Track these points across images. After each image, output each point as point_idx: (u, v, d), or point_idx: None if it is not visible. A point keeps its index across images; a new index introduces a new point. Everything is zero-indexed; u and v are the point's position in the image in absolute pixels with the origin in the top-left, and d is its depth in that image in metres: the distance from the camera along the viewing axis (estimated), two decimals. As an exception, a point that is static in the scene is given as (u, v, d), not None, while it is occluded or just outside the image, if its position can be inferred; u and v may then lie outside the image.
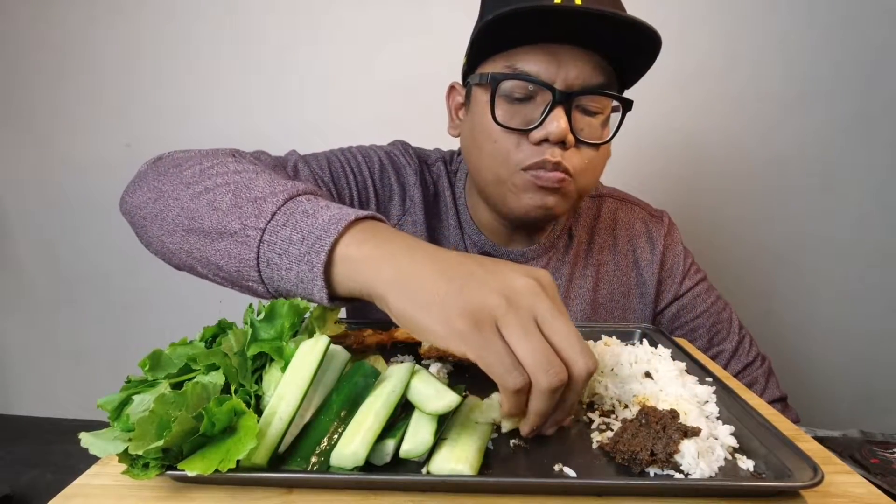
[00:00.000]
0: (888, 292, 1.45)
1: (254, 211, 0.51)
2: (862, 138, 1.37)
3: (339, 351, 0.48)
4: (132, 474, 0.38)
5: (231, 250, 0.52)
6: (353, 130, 1.37)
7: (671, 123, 1.37)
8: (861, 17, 1.30)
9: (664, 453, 0.42)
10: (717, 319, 0.90)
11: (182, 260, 0.59)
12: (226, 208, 0.53)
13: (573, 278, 0.88)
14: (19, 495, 0.86)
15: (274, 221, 0.50)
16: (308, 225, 0.49)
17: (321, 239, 0.48)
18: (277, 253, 0.49)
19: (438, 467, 0.40)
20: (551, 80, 0.69)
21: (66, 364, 1.59)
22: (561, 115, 0.69)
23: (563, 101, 0.69)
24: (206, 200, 0.55)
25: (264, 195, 0.52)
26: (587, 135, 0.72)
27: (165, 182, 0.60)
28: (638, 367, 0.58)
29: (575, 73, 0.69)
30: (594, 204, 0.94)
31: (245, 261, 0.51)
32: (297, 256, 0.49)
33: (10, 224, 1.49)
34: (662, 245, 0.90)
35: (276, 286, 0.51)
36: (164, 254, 0.61)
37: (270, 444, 0.40)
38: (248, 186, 0.54)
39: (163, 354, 0.49)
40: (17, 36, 1.37)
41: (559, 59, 0.69)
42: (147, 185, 0.62)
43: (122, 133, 1.41)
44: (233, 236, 0.52)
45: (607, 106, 0.74)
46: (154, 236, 0.60)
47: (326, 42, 1.35)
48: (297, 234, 0.49)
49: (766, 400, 0.85)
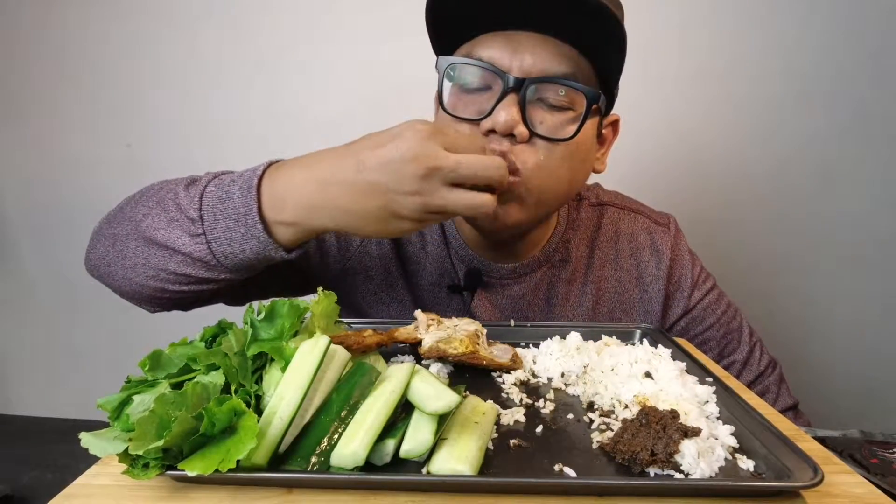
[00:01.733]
0: (888, 292, 1.45)
1: (187, 223, 0.59)
2: (862, 138, 1.37)
3: (339, 351, 0.48)
4: (132, 474, 0.38)
5: (193, 259, 0.59)
6: (354, 131, 1.37)
7: (671, 124, 1.37)
8: (861, 17, 1.30)
9: (664, 453, 0.42)
10: (727, 330, 0.86)
11: (153, 288, 0.64)
12: (165, 227, 0.60)
13: (570, 296, 0.83)
14: (19, 495, 0.86)
15: (205, 224, 0.58)
16: (230, 208, 0.57)
17: (248, 215, 0.56)
18: (225, 244, 0.57)
19: (439, 467, 0.40)
20: (506, 66, 0.64)
21: (66, 364, 1.59)
22: (511, 104, 0.63)
23: (516, 89, 0.63)
24: (148, 226, 0.61)
25: (185, 205, 0.59)
26: (546, 128, 0.65)
27: (115, 226, 0.66)
28: (638, 367, 0.58)
29: (532, 59, 0.63)
30: (594, 213, 0.87)
31: (207, 263, 0.59)
32: (241, 238, 0.57)
33: (10, 224, 1.49)
34: (669, 257, 0.84)
35: (244, 266, 0.60)
36: (137, 290, 0.66)
37: (271, 444, 0.40)
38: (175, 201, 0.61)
39: (163, 354, 0.49)
40: (17, 36, 1.37)
41: (517, 45, 0.64)
42: (101, 236, 0.68)
43: (122, 133, 1.41)
44: (187, 252, 0.59)
45: (577, 102, 0.65)
46: (123, 278, 0.65)
47: (326, 42, 1.35)
48: (229, 220, 0.57)
49: (779, 408, 0.82)
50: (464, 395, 0.49)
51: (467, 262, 0.82)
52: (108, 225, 0.68)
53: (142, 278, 0.64)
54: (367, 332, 0.58)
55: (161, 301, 0.67)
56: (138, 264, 0.63)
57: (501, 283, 0.81)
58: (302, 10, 1.33)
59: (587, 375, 0.59)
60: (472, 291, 0.81)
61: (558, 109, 0.65)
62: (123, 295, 0.69)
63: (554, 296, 0.83)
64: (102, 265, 0.67)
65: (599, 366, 0.60)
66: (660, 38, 1.30)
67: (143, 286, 0.64)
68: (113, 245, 0.65)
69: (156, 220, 0.61)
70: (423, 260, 0.83)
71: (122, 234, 0.64)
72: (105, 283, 0.70)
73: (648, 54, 1.31)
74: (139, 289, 0.65)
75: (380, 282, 0.83)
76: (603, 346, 0.65)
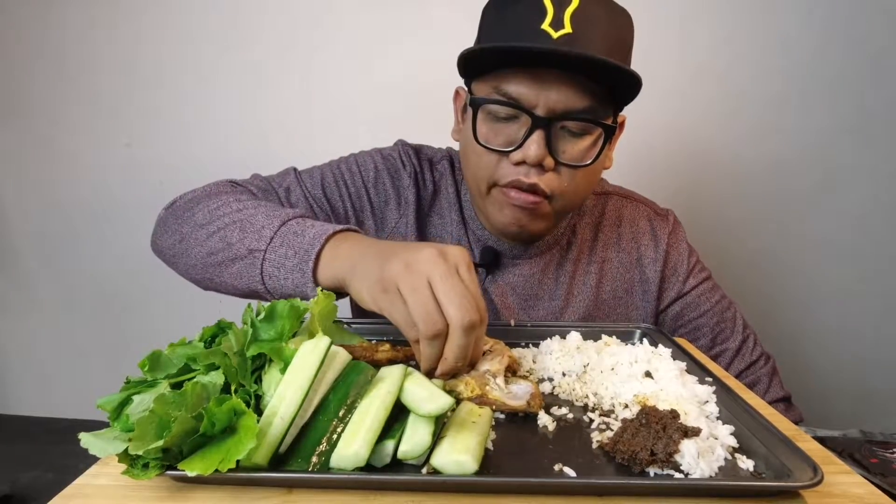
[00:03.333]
0: (888, 292, 1.45)
1: (256, 239, 0.65)
2: (862, 139, 1.37)
3: (339, 352, 0.48)
4: (132, 474, 0.38)
5: (242, 271, 0.66)
6: (354, 130, 1.37)
7: (671, 123, 1.37)
8: (861, 17, 1.30)
9: (664, 453, 0.42)
10: (720, 318, 0.89)
11: (206, 284, 0.73)
12: (235, 241, 0.67)
13: (576, 275, 0.89)
14: (19, 495, 0.86)
15: (272, 244, 0.64)
16: (298, 243, 0.63)
17: (308, 252, 0.61)
18: (276, 266, 0.63)
19: (442, 459, 0.40)
20: (532, 103, 0.70)
21: (66, 364, 1.58)
22: (539, 139, 0.70)
23: (543, 126, 0.70)
24: (218, 237, 0.68)
25: (263, 225, 0.66)
26: (569, 157, 0.73)
27: (184, 225, 0.73)
28: (638, 367, 0.58)
29: (556, 97, 0.69)
30: (599, 201, 0.94)
31: (252, 277, 0.65)
32: (291, 268, 0.62)
33: (10, 224, 1.49)
34: (666, 243, 0.90)
35: (279, 293, 0.64)
36: (193, 280, 0.75)
37: (272, 444, 0.40)
38: (251, 221, 0.67)
39: (162, 355, 0.49)
40: (17, 36, 1.37)
41: (542, 83, 0.69)
42: (170, 229, 0.76)
43: (122, 133, 1.41)
44: (242, 260, 0.66)
45: (594, 128, 0.73)
46: (182, 270, 0.75)
47: (327, 42, 1.35)
48: (290, 250, 0.62)
49: (768, 400, 0.85)
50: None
51: (483, 241, 0.88)
52: (177, 220, 0.75)
53: (199, 276, 0.72)
54: (384, 347, 0.56)
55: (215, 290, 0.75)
56: (198, 265, 0.71)
57: (514, 263, 0.88)
58: (302, 9, 1.33)
59: (587, 375, 0.59)
60: (488, 269, 0.87)
61: (579, 136, 0.73)
62: (182, 276, 0.77)
63: (561, 274, 0.89)
64: (168, 254, 0.76)
65: (599, 365, 0.60)
66: (660, 38, 1.30)
67: (200, 281, 0.74)
68: (180, 242, 0.73)
69: (229, 234, 0.68)
70: (444, 240, 0.90)
71: (190, 236, 0.72)
72: (168, 265, 0.79)
73: (648, 53, 1.31)
74: (197, 281, 0.75)
75: None
76: (603, 345, 0.65)
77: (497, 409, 0.51)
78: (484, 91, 0.73)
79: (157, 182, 1.41)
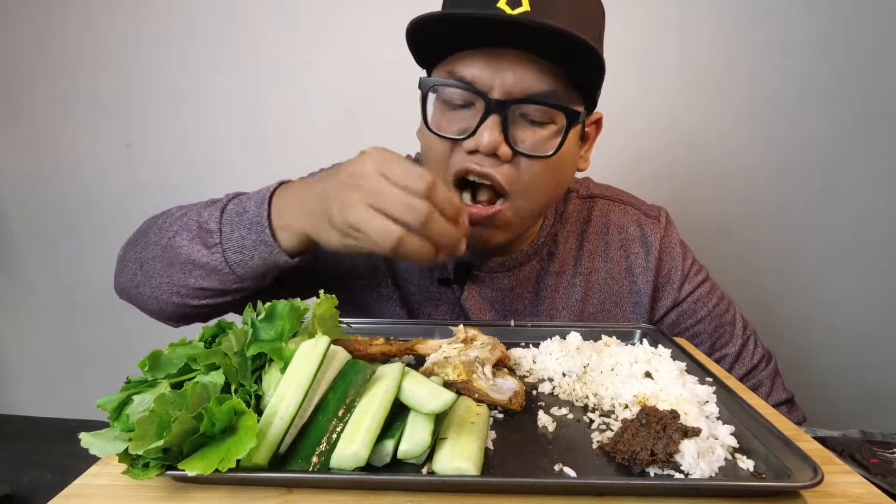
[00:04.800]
0: (888, 292, 1.45)
1: (207, 234, 0.66)
2: (862, 139, 1.37)
3: (339, 352, 0.48)
4: (132, 474, 0.38)
5: (208, 269, 0.66)
6: (353, 131, 1.37)
7: (671, 123, 1.37)
8: (861, 18, 1.30)
9: (664, 453, 0.42)
10: (719, 323, 0.86)
11: (177, 304, 0.71)
12: (186, 243, 0.67)
13: (559, 288, 0.83)
14: (19, 495, 0.86)
15: (223, 233, 0.65)
16: (245, 220, 0.64)
17: (258, 223, 0.63)
18: (237, 251, 0.64)
19: (443, 465, 0.40)
20: (487, 86, 0.64)
21: (66, 364, 1.58)
22: (494, 125, 0.64)
23: (498, 110, 0.64)
24: (173, 246, 0.68)
25: (207, 219, 0.67)
26: (528, 146, 0.66)
27: (139, 251, 0.73)
28: (638, 367, 0.58)
29: (513, 79, 0.64)
30: (584, 206, 0.87)
31: (221, 272, 0.65)
32: (251, 245, 0.63)
33: (10, 224, 1.49)
34: (658, 249, 0.84)
35: (252, 274, 0.65)
36: (163, 308, 0.73)
37: (272, 444, 0.40)
38: (196, 220, 0.68)
39: (162, 355, 0.49)
40: (17, 36, 1.37)
41: (498, 64, 0.64)
42: (127, 263, 0.75)
43: (122, 133, 1.41)
44: (204, 264, 0.66)
45: (558, 117, 0.66)
46: (151, 297, 0.73)
47: (327, 42, 1.35)
48: (242, 230, 0.64)
49: (772, 403, 0.82)
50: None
51: (457, 255, 0.82)
52: (133, 250, 0.75)
53: (166, 296, 0.71)
54: (378, 341, 0.57)
55: (184, 317, 0.74)
56: (163, 283, 0.70)
57: (491, 277, 0.82)
58: (302, 10, 1.33)
59: (587, 375, 0.59)
60: (461, 284, 0.81)
61: (540, 125, 0.66)
62: (151, 314, 0.76)
63: (543, 288, 0.83)
64: (132, 287, 0.75)
65: (599, 366, 0.60)
66: (660, 38, 1.30)
67: (167, 303, 0.72)
68: (140, 268, 0.72)
69: (179, 239, 0.68)
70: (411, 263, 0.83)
71: (147, 257, 0.72)
72: (135, 304, 0.78)
73: (648, 54, 1.31)
74: (165, 306, 0.72)
75: (370, 279, 0.85)
76: (603, 346, 0.65)
77: (479, 398, 0.51)
78: (439, 77, 0.68)
79: (156, 182, 1.41)
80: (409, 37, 0.68)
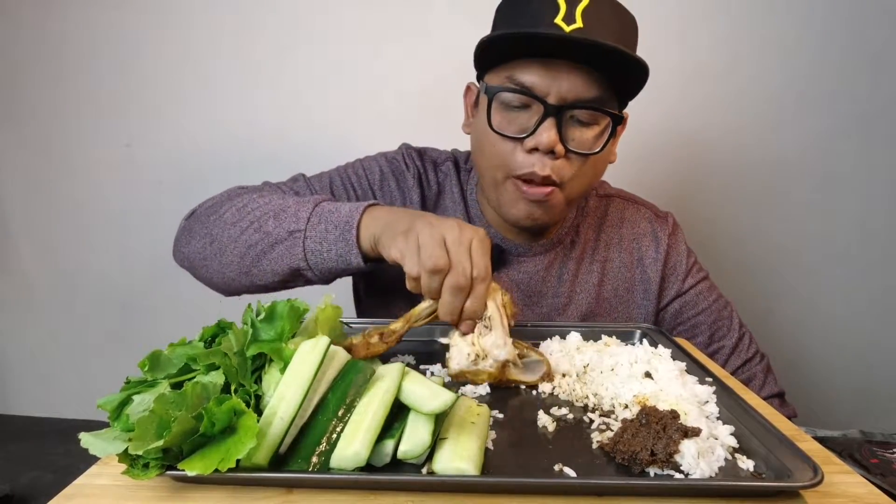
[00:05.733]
0: (889, 292, 1.45)
1: (294, 221, 0.70)
2: (862, 138, 1.37)
3: (338, 352, 0.48)
4: (132, 474, 0.38)
5: (283, 254, 0.70)
6: (353, 131, 1.37)
7: (671, 123, 1.37)
8: (861, 18, 1.30)
9: (664, 453, 0.42)
10: (718, 317, 0.92)
11: (240, 283, 0.76)
12: (272, 229, 0.71)
13: (579, 273, 0.91)
14: (19, 495, 0.86)
15: (310, 223, 0.69)
16: (336, 218, 0.69)
17: (349, 223, 0.68)
18: (318, 242, 0.69)
19: (443, 466, 0.40)
20: (545, 92, 0.72)
21: (66, 364, 1.58)
22: (551, 127, 0.72)
23: (554, 114, 0.72)
24: (253, 229, 0.73)
25: (297, 209, 0.71)
26: (577, 145, 0.75)
27: (213, 228, 0.76)
28: (638, 367, 0.58)
29: (567, 86, 0.72)
30: (602, 204, 0.97)
31: (295, 255, 0.70)
32: (333, 240, 0.68)
33: (10, 224, 1.49)
34: (667, 244, 0.93)
35: (322, 267, 0.70)
36: (225, 283, 0.77)
37: (272, 444, 0.40)
38: (283, 208, 0.72)
39: (162, 355, 0.49)
40: (17, 36, 1.37)
41: (554, 72, 0.72)
42: (197, 234, 0.78)
43: (122, 133, 1.41)
44: (283, 243, 0.70)
45: (602, 118, 0.76)
46: (215, 272, 0.77)
47: (327, 42, 1.35)
48: (330, 225, 0.69)
49: (763, 395, 0.88)
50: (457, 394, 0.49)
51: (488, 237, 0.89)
52: (204, 225, 0.78)
53: (235, 273, 0.75)
54: (373, 339, 0.59)
55: (239, 290, 0.78)
56: (234, 261, 0.74)
57: (518, 261, 0.91)
58: (302, 9, 1.33)
59: (587, 375, 0.59)
60: (493, 265, 0.86)
61: (587, 125, 0.75)
62: (212, 286, 0.80)
63: (565, 272, 0.91)
64: (198, 259, 0.78)
65: (599, 366, 0.60)
66: (659, 37, 1.30)
67: (234, 280, 0.76)
68: (211, 243, 0.76)
69: (264, 223, 0.72)
70: None
71: (222, 236, 0.75)
72: (195, 275, 0.81)
73: (648, 53, 1.30)
74: (230, 282, 0.77)
75: None
76: (603, 346, 0.65)
77: (516, 384, 0.58)
78: (497, 81, 0.76)
79: (156, 182, 1.41)
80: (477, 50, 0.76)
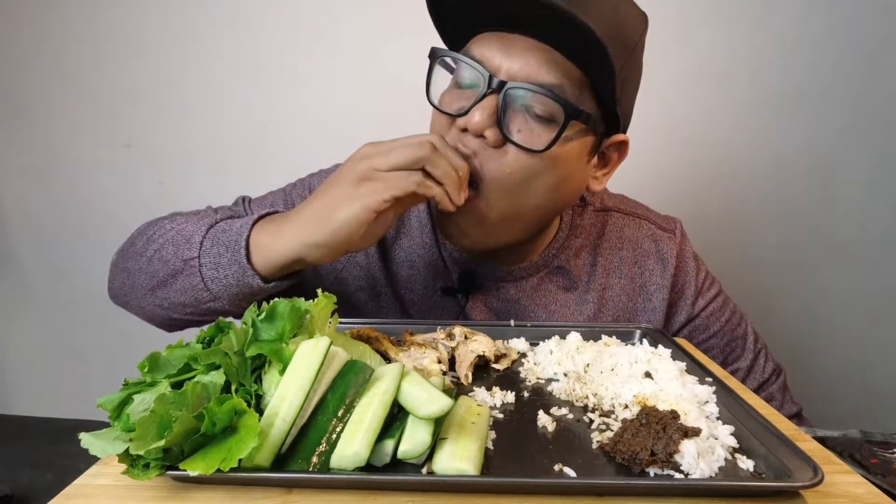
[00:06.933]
0: (889, 292, 1.45)
1: (187, 247, 0.65)
2: (862, 138, 1.37)
3: (338, 352, 0.48)
4: (132, 474, 0.38)
5: (185, 284, 0.65)
6: (353, 131, 1.37)
7: (671, 124, 1.37)
8: (861, 17, 1.30)
9: (664, 453, 0.42)
10: (731, 338, 0.85)
11: (162, 316, 0.72)
12: (170, 257, 0.67)
13: (570, 304, 0.81)
14: (19, 495, 0.86)
15: (203, 248, 0.64)
16: (226, 238, 0.63)
17: (237, 242, 0.62)
18: (213, 267, 0.63)
19: (443, 466, 0.40)
20: (494, 67, 0.62)
21: (66, 364, 1.58)
22: (489, 106, 0.61)
23: (496, 91, 0.61)
24: (157, 259, 0.68)
25: (192, 233, 0.66)
26: (521, 137, 0.62)
27: (128, 261, 0.74)
28: (638, 367, 0.58)
29: (520, 64, 0.61)
30: (598, 219, 0.84)
31: (195, 286, 0.64)
32: (226, 263, 0.62)
33: (10, 224, 1.49)
34: (674, 266, 0.82)
35: (227, 294, 0.64)
36: (151, 317, 0.74)
37: (274, 444, 0.40)
38: (181, 234, 0.67)
39: (161, 356, 0.48)
40: (17, 36, 1.37)
41: (509, 47, 0.62)
42: (118, 270, 0.76)
43: (122, 133, 1.41)
44: (182, 273, 0.65)
45: (560, 113, 0.61)
46: (136, 307, 0.74)
47: (327, 42, 1.35)
48: (221, 247, 0.63)
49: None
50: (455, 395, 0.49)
51: (461, 264, 0.80)
52: (123, 259, 0.76)
53: (151, 307, 0.71)
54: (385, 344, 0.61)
55: (173, 326, 0.74)
56: (147, 295, 0.70)
57: (497, 286, 0.80)
58: (302, 10, 1.33)
59: (587, 375, 0.59)
60: (466, 294, 0.80)
61: (543, 121, 0.62)
62: (143, 319, 0.77)
63: (552, 302, 0.81)
64: (121, 295, 0.76)
65: (599, 366, 0.60)
66: (660, 38, 1.30)
67: (153, 314, 0.73)
68: (128, 278, 0.73)
69: (164, 252, 0.68)
70: (416, 263, 0.81)
71: (134, 269, 0.72)
72: (126, 310, 0.79)
73: (648, 54, 1.31)
74: (152, 316, 0.74)
75: (369, 292, 0.83)
76: (603, 346, 0.65)
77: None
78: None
79: (156, 182, 1.41)
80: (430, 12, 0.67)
